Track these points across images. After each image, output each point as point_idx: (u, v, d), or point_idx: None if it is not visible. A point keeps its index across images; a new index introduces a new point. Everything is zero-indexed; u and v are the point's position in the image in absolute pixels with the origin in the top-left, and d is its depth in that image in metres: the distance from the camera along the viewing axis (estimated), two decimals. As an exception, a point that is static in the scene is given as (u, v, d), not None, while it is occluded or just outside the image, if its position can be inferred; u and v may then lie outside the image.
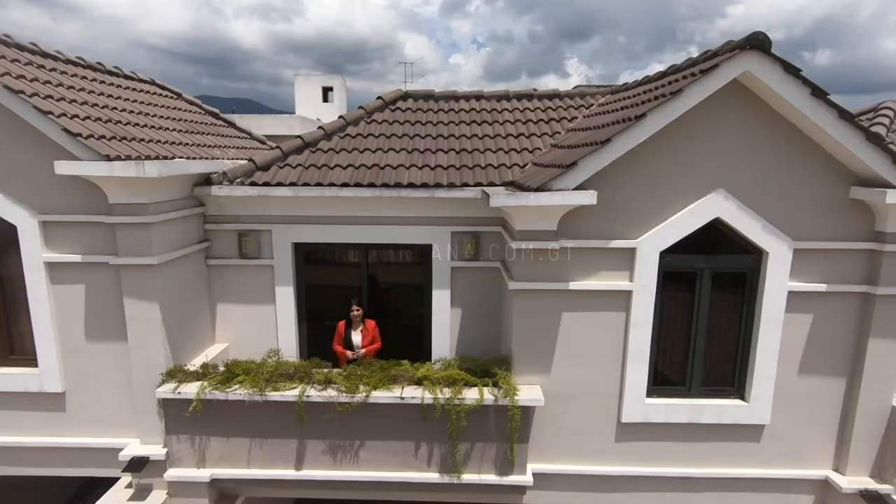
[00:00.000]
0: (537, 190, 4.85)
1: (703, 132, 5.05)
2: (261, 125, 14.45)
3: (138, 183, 5.07)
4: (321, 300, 6.78)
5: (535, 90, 8.50)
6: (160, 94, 8.49)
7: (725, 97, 4.92)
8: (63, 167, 4.90)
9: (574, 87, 9.00)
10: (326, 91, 20.58)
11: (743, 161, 5.10)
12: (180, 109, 8.47)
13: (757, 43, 4.54)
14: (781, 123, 5.01)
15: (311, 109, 18.77)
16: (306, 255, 6.60)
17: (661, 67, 7.20)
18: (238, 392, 5.39)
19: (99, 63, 7.42)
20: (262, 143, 9.97)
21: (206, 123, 8.75)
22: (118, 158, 5.01)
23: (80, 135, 4.96)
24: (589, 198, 4.78)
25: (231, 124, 9.61)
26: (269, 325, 6.62)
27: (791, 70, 4.61)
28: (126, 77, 7.95)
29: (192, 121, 8.23)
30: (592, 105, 7.94)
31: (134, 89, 7.67)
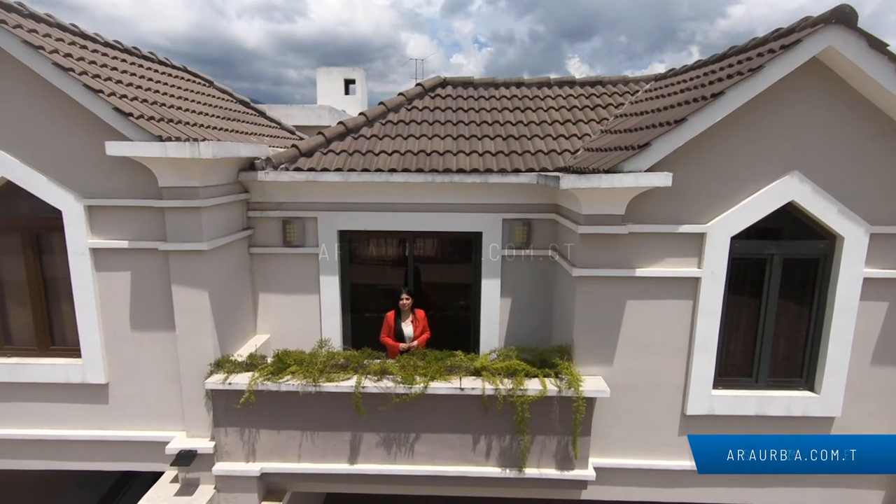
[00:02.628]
0: (608, 171, 4.65)
1: (779, 112, 4.86)
2: (288, 115, 14.28)
3: (191, 165, 4.89)
4: (366, 290, 6.59)
5: (576, 78, 8.30)
6: (193, 81, 8.31)
7: (802, 75, 4.72)
8: (114, 148, 4.71)
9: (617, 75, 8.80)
10: (348, 83, 20.38)
11: (819, 142, 4.90)
12: (213, 97, 8.28)
13: (843, 16, 4.35)
14: (861, 102, 4.81)
15: (334, 102, 18.60)
16: (351, 244, 6.41)
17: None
18: (291, 383, 5.20)
19: (135, 48, 7.23)
20: (292, 132, 9.79)
21: (239, 111, 8.57)
22: (170, 139, 4.82)
23: (131, 114, 4.77)
24: (664, 179, 4.58)
25: (262, 114, 9.43)
26: (313, 315, 6.43)
27: (877, 45, 4.41)
28: (160, 63, 7.76)
29: (225, 108, 8.04)
30: (637, 91, 7.74)
31: (169, 74, 7.49)
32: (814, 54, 4.52)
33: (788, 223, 5.14)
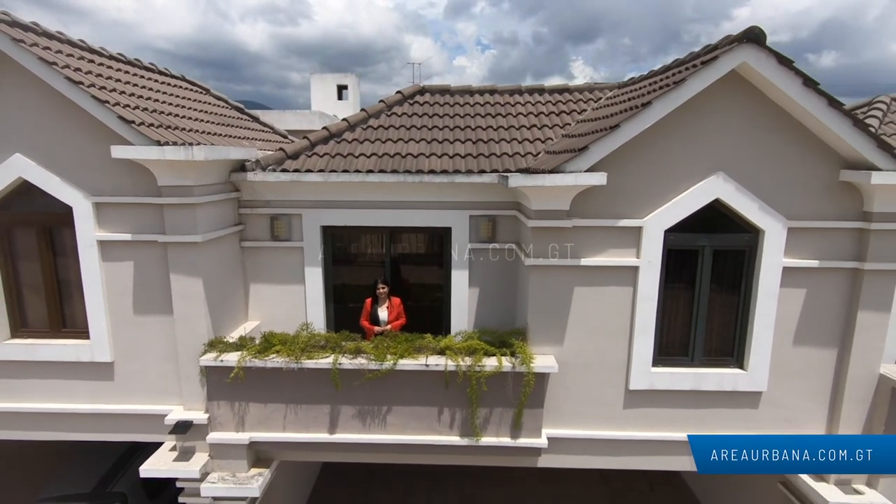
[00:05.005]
0: (552, 172, 5.31)
1: (705, 119, 5.50)
2: (282, 120, 15.01)
3: (186, 166, 5.54)
4: (347, 280, 7.24)
5: (545, 85, 8.95)
6: (190, 90, 8.97)
7: (725, 87, 5.37)
8: (119, 151, 5.37)
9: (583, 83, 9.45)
10: (341, 89, 21.26)
11: (741, 146, 5.55)
12: (209, 104, 8.95)
13: (753, 36, 5.00)
14: (776, 111, 5.46)
15: (327, 106, 19.36)
16: (334, 238, 7.06)
17: None
18: (275, 360, 5.85)
19: (137, 59, 7.90)
20: (284, 137, 10.45)
21: (234, 117, 9.23)
22: (168, 143, 5.48)
23: (133, 122, 5.44)
24: (599, 179, 5.23)
25: (255, 119, 10.10)
26: (299, 303, 7.08)
27: (784, 61, 5.05)
28: (160, 73, 8.43)
29: (221, 114, 8.71)
30: (601, 98, 8.39)
31: (168, 84, 8.16)
32: (730, 69, 5.16)
33: (717, 218, 5.78)
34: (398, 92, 8.59)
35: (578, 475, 10.16)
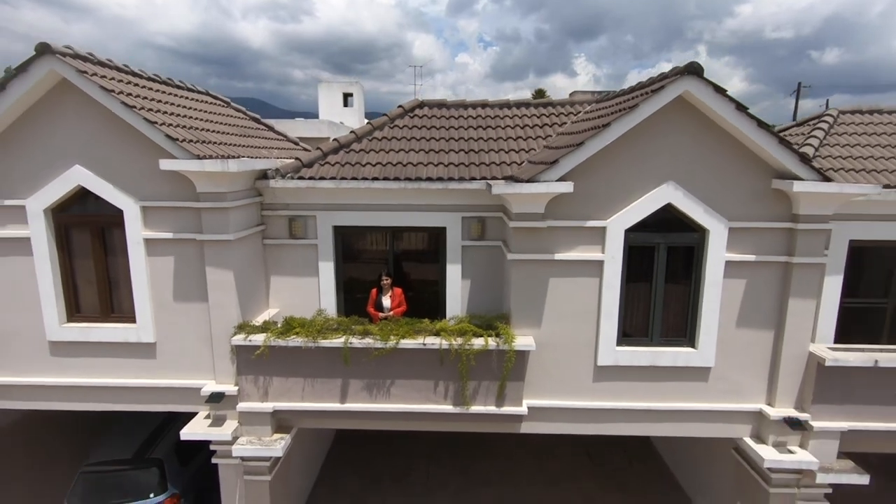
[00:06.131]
0: (528, 181, 6.35)
1: (659, 136, 6.54)
2: (293, 128, 16.11)
3: (221, 176, 6.59)
4: (355, 274, 8.28)
5: (531, 100, 10.00)
6: (213, 103, 10.02)
7: (676, 110, 6.41)
8: (167, 164, 6.41)
9: (571, 93, 10.52)
10: (347, 96, 22.46)
11: (689, 159, 6.59)
12: (230, 116, 9.99)
13: (693, 69, 6.04)
14: (719, 131, 6.49)
15: (334, 112, 20.52)
16: (344, 236, 8.10)
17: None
18: (295, 340, 6.90)
19: (169, 79, 8.94)
20: (296, 144, 11.48)
21: (252, 128, 10.27)
22: (206, 157, 6.53)
23: (177, 139, 6.48)
24: (566, 187, 6.28)
25: (270, 128, 11.14)
26: (313, 293, 8.12)
27: (719, 90, 6.10)
28: (187, 89, 9.47)
29: (240, 125, 9.75)
30: (580, 112, 9.43)
31: (195, 99, 9.20)
32: (675, 96, 6.21)
33: (669, 219, 6.81)
34: (400, 106, 9.63)
35: (566, 452, 11.25)
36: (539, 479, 10.39)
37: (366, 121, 23.78)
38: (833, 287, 7.62)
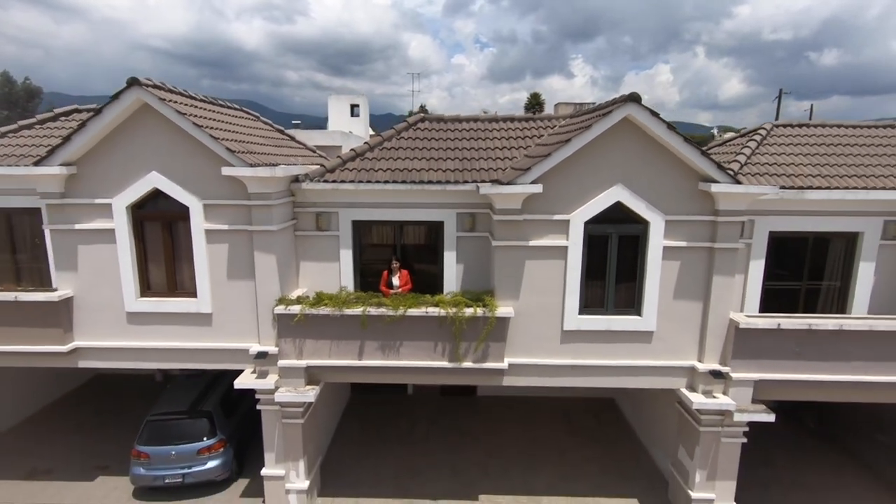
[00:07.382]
0: (508, 184, 8.20)
1: (610, 149, 8.38)
2: (311, 137, 18.09)
3: (268, 180, 8.43)
4: (370, 259, 10.12)
5: (516, 115, 11.86)
6: (245, 117, 11.86)
7: (622, 129, 8.24)
8: (227, 171, 8.25)
9: (556, 105, 12.41)
10: (353, 107, 24.48)
11: (634, 166, 8.43)
12: (260, 128, 11.84)
13: (633, 98, 7.89)
14: (656, 145, 8.34)
15: (342, 122, 22.55)
16: (361, 229, 9.93)
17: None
18: (324, 310, 8.74)
19: (214, 98, 10.78)
20: (314, 151, 13.35)
21: (278, 138, 12.12)
22: (257, 165, 8.37)
23: (235, 151, 8.32)
24: (536, 188, 8.14)
25: (292, 138, 13.00)
26: (335, 276, 9.94)
27: (654, 114, 7.95)
28: (226, 107, 11.30)
29: (270, 136, 11.60)
30: (556, 126, 11.28)
31: (234, 115, 11.04)
32: (620, 118, 8.05)
33: (620, 214, 8.66)
34: (405, 120, 11.48)
35: (545, 416, 13.10)
36: (523, 437, 12.24)
37: (371, 131, 25.86)
38: (757, 269, 9.51)
